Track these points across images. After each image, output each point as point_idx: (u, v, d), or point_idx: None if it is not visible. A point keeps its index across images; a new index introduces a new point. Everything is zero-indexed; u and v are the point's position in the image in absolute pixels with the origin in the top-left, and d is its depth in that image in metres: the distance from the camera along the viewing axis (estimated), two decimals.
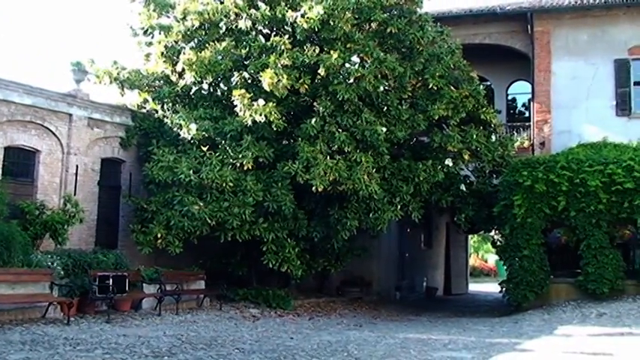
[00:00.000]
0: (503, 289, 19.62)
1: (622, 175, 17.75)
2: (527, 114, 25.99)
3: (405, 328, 16.15)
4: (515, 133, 24.15)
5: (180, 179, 16.23)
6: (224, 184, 16.14)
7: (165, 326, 13.65)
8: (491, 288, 31.16)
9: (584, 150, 19.68)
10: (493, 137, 20.34)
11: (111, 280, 14.55)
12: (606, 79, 21.59)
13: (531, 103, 23.27)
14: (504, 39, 23.58)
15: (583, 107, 21.59)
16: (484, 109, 20.04)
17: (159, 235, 16.43)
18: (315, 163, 16.39)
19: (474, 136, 19.01)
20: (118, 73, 19.11)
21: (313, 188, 16.35)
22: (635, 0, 21.47)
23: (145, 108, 19.29)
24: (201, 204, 16.08)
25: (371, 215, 17.71)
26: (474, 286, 36.72)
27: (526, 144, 23.01)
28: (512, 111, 27.04)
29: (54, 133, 16.61)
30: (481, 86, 20.83)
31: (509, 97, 26.90)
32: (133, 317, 14.53)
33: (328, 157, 16.69)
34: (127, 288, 15.11)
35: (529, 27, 22.49)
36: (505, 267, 19.76)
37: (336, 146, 17.12)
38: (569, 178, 18.17)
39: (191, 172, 16.20)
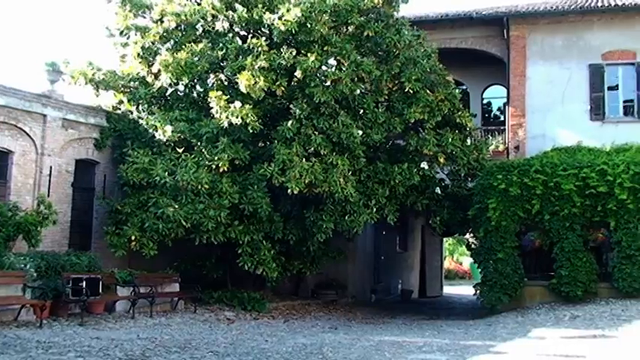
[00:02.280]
0: (478, 291, 19.71)
1: (596, 179, 17.92)
2: (502, 118, 26.20)
3: (380, 330, 16.19)
4: (490, 137, 24.30)
5: (155, 181, 16.13)
6: (199, 186, 16.05)
7: (138, 329, 13.56)
8: (465, 290, 31.37)
9: (559, 154, 19.86)
10: (468, 141, 20.45)
11: (84, 282, 14.47)
12: (581, 84, 21.79)
13: (506, 107, 23.44)
14: (480, 43, 23.72)
15: (557, 112, 21.80)
16: (460, 112, 20.14)
17: (133, 238, 16.30)
18: (291, 165, 16.39)
19: (450, 140, 19.09)
20: (93, 74, 18.94)
21: (289, 191, 16.36)
22: (609, 6, 21.74)
23: (119, 109, 19.14)
24: (176, 206, 15.99)
25: (346, 218, 17.73)
26: (449, 289, 36.92)
27: (501, 148, 23.18)
28: (487, 115, 27.26)
29: (28, 134, 16.42)
30: (457, 90, 20.87)
31: (485, 101, 27.13)
32: (106, 320, 14.42)
33: (304, 160, 16.69)
34: (100, 290, 15.03)
35: (505, 31, 22.65)
36: (479, 270, 19.87)
37: (312, 149, 17.13)
38: (544, 182, 18.32)
39: (166, 174, 16.11)
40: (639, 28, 21.54)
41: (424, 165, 19.11)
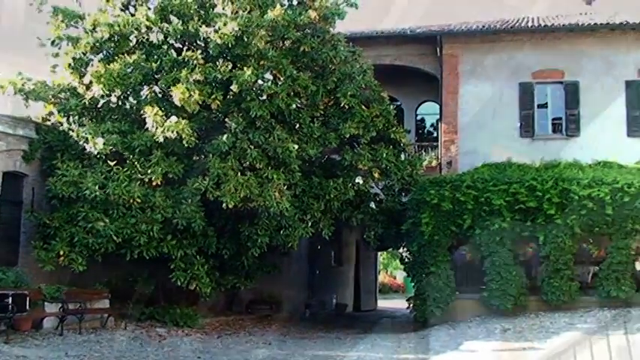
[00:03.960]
0: (411, 305, 19.90)
1: (525, 195, 18.31)
2: (435, 134, 26.56)
3: (314, 345, 16.17)
4: (424, 153, 24.64)
5: (85, 195, 15.72)
6: (131, 200, 15.76)
7: (67, 346, 13.23)
8: (399, 304, 31.47)
9: (489, 170, 20.26)
10: (402, 156, 20.68)
11: (10, 298, 14.04)
12: (511, 102, 22.26)
13: (439, 124, 23.76)
14: (414, 61, 24.03)
15: (489, 128, 22.19)
16: (394, 128, 20.33)
17: (61, 252, 15.84)
18: (226, 179, 16.25)
19: (384, 155, 19.25)
20: (22, 84, 18.40)
21: (224, 205, 16.20)
22: (539, 27, 22.33)
23: (50, 120, 18.62)
24: (107, 220, 15.67)
25: (282, 232, 17.67)
26: (383, 303, 37.09)
27: (434, 163, 23.50)
28: (421, 131, 27.62)
29: None
30: (391, 106, 21.08)
31: (419, 118, 27.48)
32: (33, 337, 14.02)
33: (239, 174, 16.57)
34: (27, 307, 14.60)
35: (438, 50, 23.00)
36: (413, 283, 20.06)
37: (247, 163, 17.03)
38: (475, 197, 18.63)
39: (97, 187, 15.73)
40: (567, 48, 22.19)
41: (359, 180, 19.24)
